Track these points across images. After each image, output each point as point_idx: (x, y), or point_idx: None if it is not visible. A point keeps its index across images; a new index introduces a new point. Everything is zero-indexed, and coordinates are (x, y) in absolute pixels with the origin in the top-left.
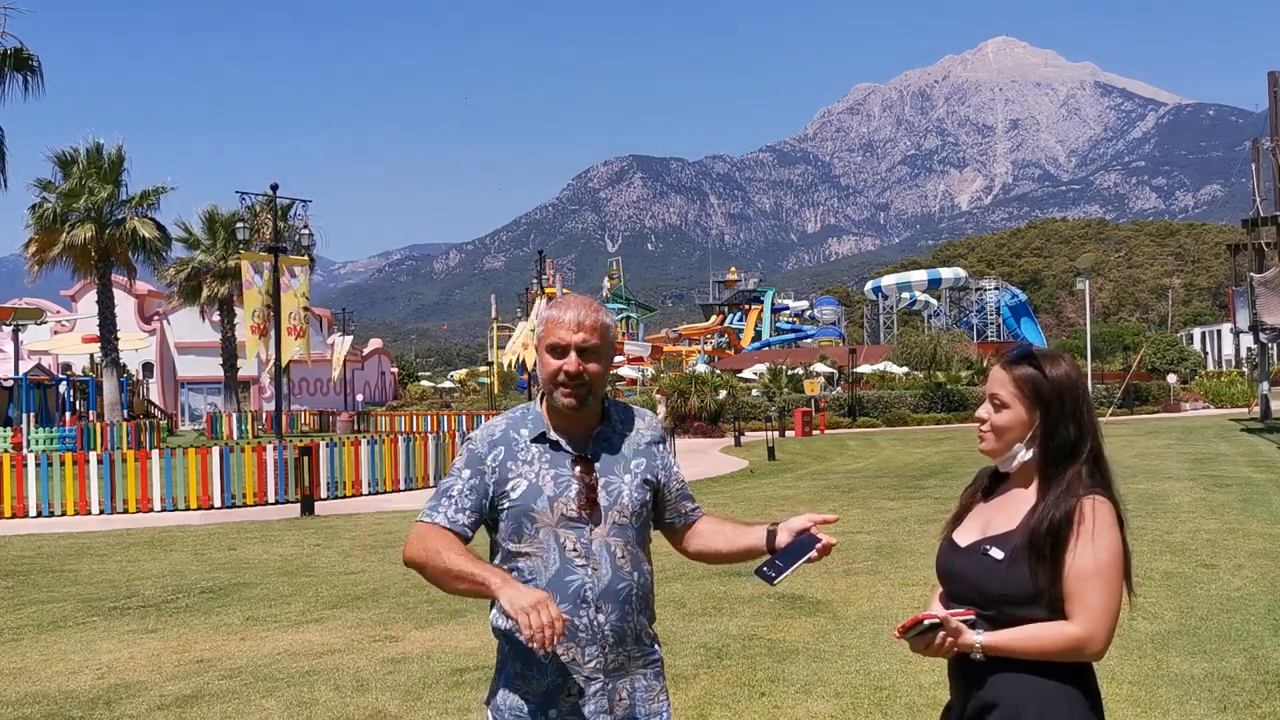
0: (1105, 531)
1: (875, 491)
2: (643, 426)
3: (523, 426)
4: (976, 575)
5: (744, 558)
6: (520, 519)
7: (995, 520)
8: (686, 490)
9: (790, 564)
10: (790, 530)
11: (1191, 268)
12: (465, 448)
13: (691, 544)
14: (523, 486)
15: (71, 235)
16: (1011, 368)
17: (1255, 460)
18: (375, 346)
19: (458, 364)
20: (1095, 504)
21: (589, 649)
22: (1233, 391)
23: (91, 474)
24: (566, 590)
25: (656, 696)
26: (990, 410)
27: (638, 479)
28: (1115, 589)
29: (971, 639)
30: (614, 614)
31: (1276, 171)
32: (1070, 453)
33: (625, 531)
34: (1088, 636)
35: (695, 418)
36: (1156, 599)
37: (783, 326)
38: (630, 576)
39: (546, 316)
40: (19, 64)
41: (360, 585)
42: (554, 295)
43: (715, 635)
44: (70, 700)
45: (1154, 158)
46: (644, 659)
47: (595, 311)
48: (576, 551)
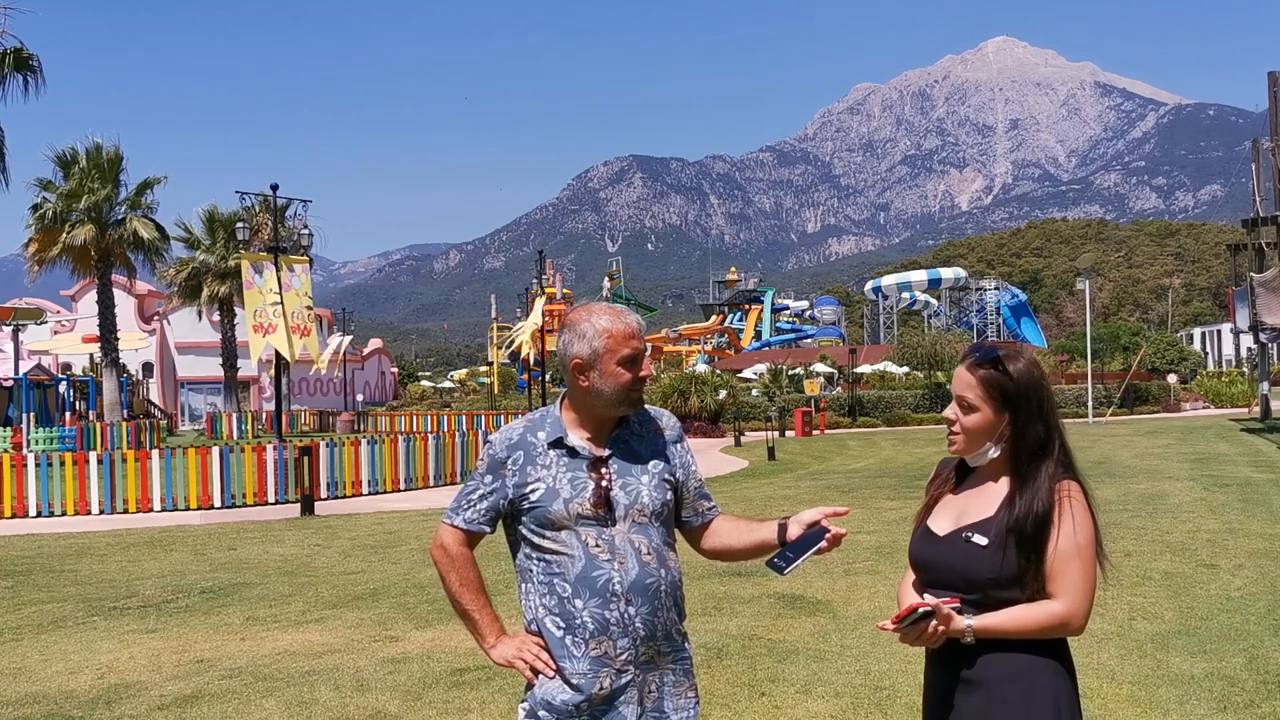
0: (1081, 515)
1: (875, 491)
2: (661, 427)
3: (540, 430)
4: (961, 562)
5: (757, 553)
6: (543, 519)
7: (971, 509)
8: (705, 489)
9: (800, 555)
10: (801, 523)
11: (1191, 268)
12: (486, 452)
13: (707, 542)
14: (541, 490)
15: (71, 235)
16: (976, 370)
17: (1255, 460)
18: (375, 346)
19: (458, 364)
20: (1070, 489)
21: (620, 641)
22: (1233, 391)
23: (91, 474)
24: (595, 585)
25: (685, 692)
26: (959, 412)
27: (656, 479)
28: (1092, 568)
29: (962, 624)
30: (644, 607)
31: (1276, 171)
32: (1041, 450)
33: (647, 530)
34: (1071, 612)
35: (695, 418)
36: (1156, 599)
37: (783, 326)
38: (657, 572)
39: (606, 329)
40: (19, 63)
41: (360, 585)
42: (553, 295)
43: (715, 635)
44: (70, 700)
45: (1154, 158)
46: (674, 654)
47: (635, 316)
48: (600, 548)
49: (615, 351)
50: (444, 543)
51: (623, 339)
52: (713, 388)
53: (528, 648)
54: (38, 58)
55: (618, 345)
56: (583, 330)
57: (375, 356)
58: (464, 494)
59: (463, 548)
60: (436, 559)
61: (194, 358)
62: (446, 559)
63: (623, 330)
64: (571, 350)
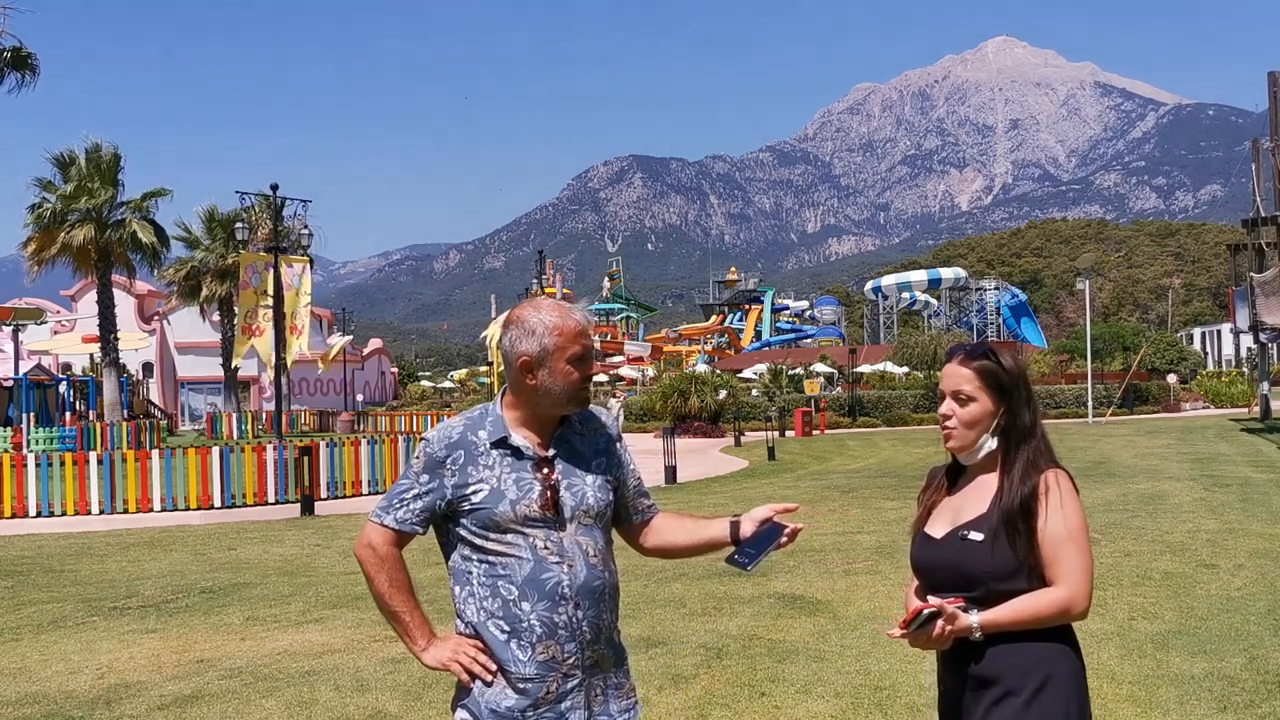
0: (1069, 499)
1: (875, 491)
2: (600, 426)
3: (481, 429)
4: (959, 560)
5: (705, 550)
6: (486, 521)
7: (965, 508)
8: (643, 487)
9: (761, 550)
10: (754, 520)
11: (1191, 268)
12: (423, 450)
13: (649, 540)
14: (484, 491)
15: (69, 236)
16: (970, 362)
17: (1255, 460)
18: (375, 346)
19: (458, 364)
20: (1057, 476)
21: (568, 645)
22: (1233, 391)
23: (91, 474)
24: (544, 588)
25: (627, 694)
26: (954, 406)
27: (600, 479)
28: (1087, 550)
29: (969, 621)
30: (591, 610)
31: (1276, 171)
32: (1027, 436)
33: (593, 531)
34: (1072, 596)
35: (695, 418)
36: (1156, 599)
37: (783, 326)
38: (603, 575)
39: (555, 326)
40: (18, 63)
41: (360, 585)
42: (553, 295)
43: (715, 635)
44: (70, 700)
45: (1154, 158)
46: (615, 657)
47: (583, 312)
48: (549, 550)
49: (565, 349)
50: (372, 542)
51: (573, 337)
52: (713, 388)
53: (464, 649)
54: (36, 56)
55: (568, 343)
56: (531, 327)
57: (375, 356)
58: (396, 492)
59: (392, 548)
60: (363, 559)
61: (194, 358)
62: (375, 559)
63: (573, 328)
64: (519, 347)
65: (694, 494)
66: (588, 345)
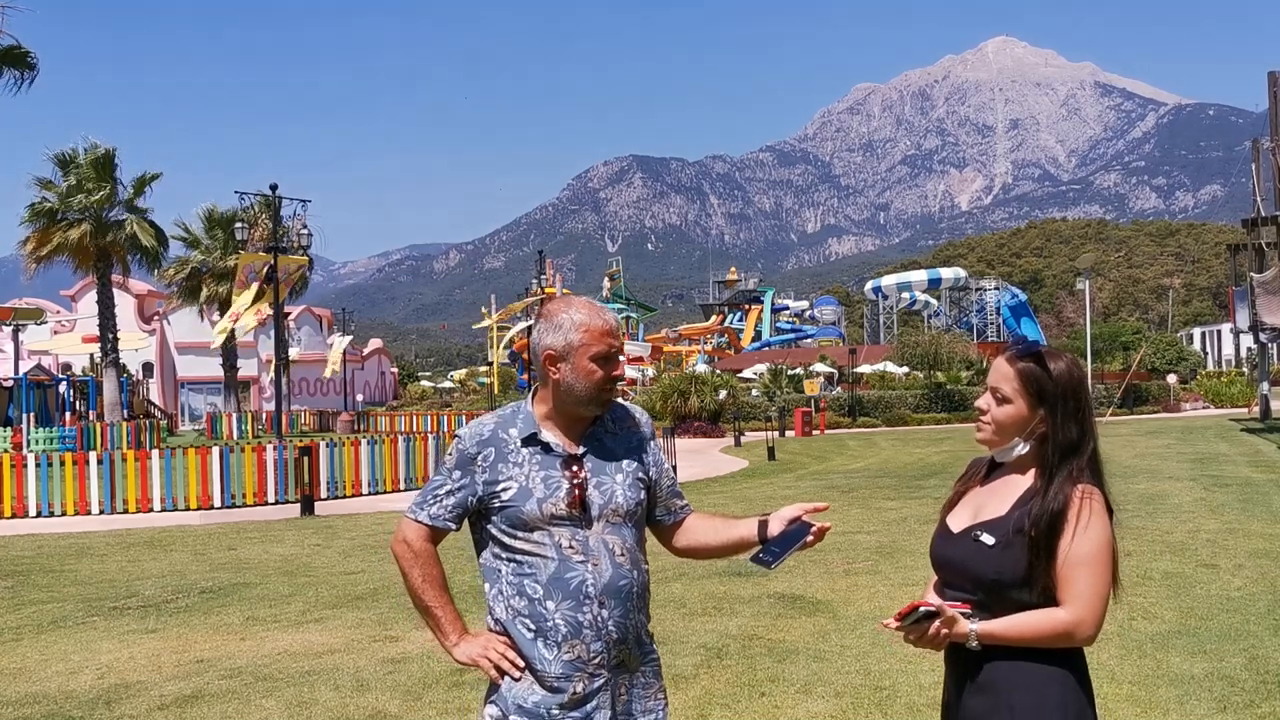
0: (1096, 521)
1: (875, 491)
2: (635, 425)
3: (512, 426)
4: (968, 561)
5: (734, 550)
6: (515, 519)
7: (988, 505)
8: (677, 488)
9: (786, 549)
10: (782, 519)
11: (1191, 268)
12: (456, 447)
13: (680, 540)
14: (513, 489)
15: (67, 234)
16: (1016, 362)
17: (1255, 460)
18: (375, 346)
19: (458, 364)
20: (1088, 494)
21: (594, 645)
22: (1233, 391)
23: (91, 474)
24: (568, 587)
25: (655, 694)
26: (992, 402)
27: (630, 478)
28: (1104, 576)
29: (966, 628)
30: (617, 610)
31: (1276, 171)
32: (1072, 451)
33: (621, 530)
34: (1077, 621)
35: (695, 418)
36: (1156, 599)
37: (783, 326)
38: (630, 574)
39: (583, 323)
40: (16, 61)
41: (360, 585)
42: (553, 295)
43: (715, 635)
44: (70, 700)
45: (1154, 158)
46: (644, 657)
47: (614, 315)
48: (574, 549)
49: (590, 346)
50: (407, 538)
51: (598, 335)
52: (713, 388)
53: (493, 646)
54: (35, 55)
55: (593, 340)
56: (559, 321)
57: (375, 356)
58: (430, 489)
59: (426, 543)
60: (399, 554)
61: (194, 358)
62: (410, 554)
63: (600, 326)
64: (545, 340)
65: (694, 494)
66: (614, 345)
